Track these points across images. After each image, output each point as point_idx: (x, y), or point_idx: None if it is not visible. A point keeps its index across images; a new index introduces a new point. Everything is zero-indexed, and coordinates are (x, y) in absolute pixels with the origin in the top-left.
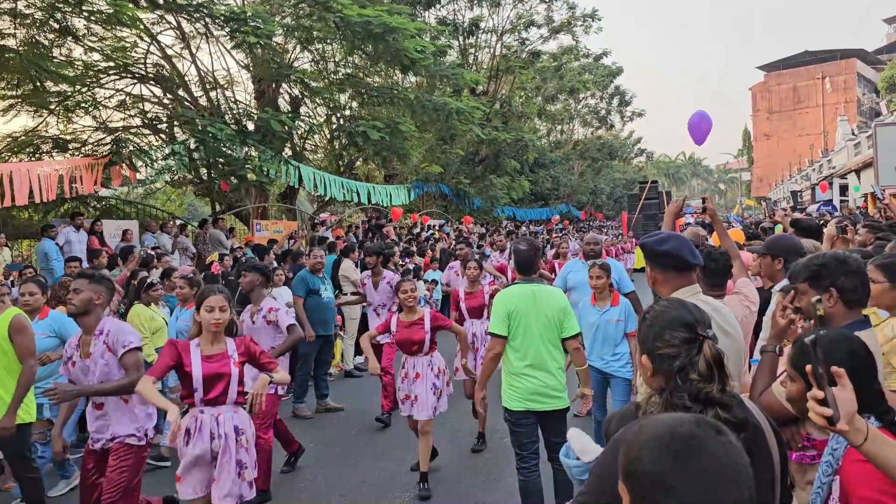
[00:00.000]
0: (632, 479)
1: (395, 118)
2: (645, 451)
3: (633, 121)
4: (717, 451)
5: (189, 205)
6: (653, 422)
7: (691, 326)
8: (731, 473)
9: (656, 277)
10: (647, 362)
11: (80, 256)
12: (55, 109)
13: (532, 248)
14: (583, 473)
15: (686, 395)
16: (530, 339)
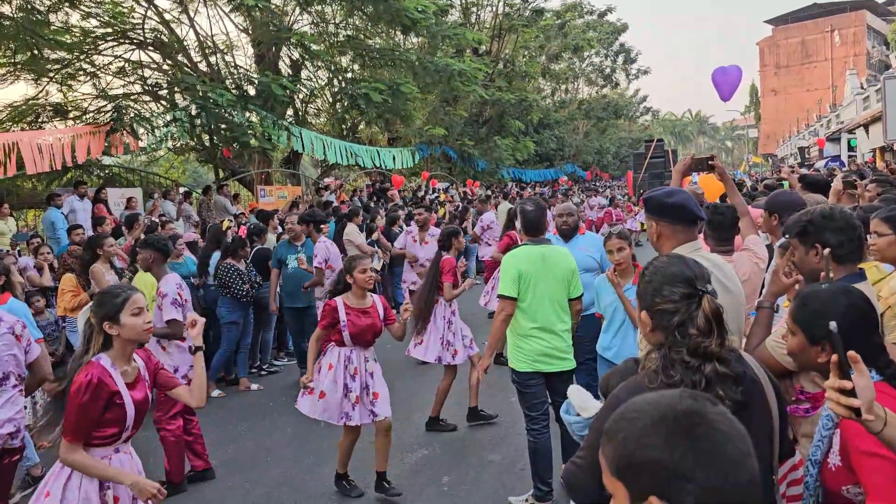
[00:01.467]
0: (635, 471)
1: (397, 80)
2: (650, 438)
3: (638, 79)
4: (725, 424)
5: (193, 171)
6: (644, 404)
7: (690, 281)
8: (743, 446)
9: (661, 232)
10: (646, 318)
11: (82, 224)
12: (54, 77)
13: (539, 209)
14: (583, 429)
15: (685, 349)
16: (539, 301)
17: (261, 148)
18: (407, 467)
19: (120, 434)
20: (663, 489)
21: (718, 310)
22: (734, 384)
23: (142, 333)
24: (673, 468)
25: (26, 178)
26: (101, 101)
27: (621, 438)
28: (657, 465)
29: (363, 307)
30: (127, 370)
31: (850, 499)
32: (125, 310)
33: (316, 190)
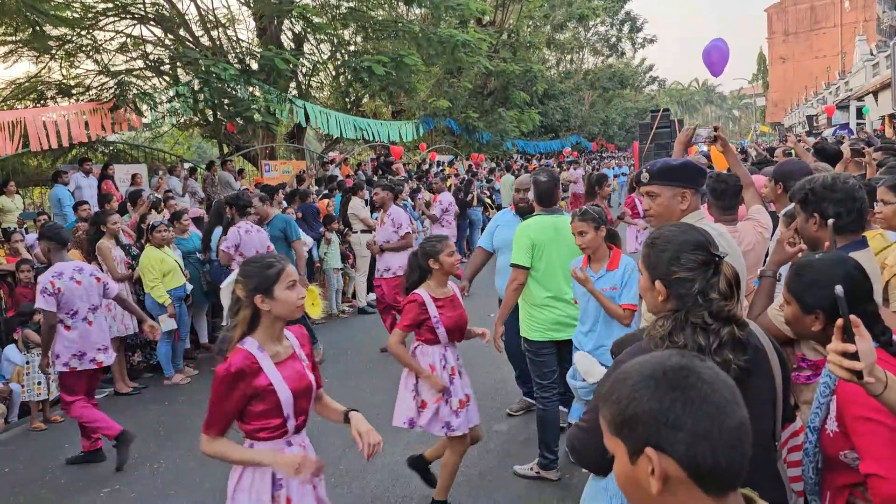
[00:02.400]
0: (629, 425)
1: (401, 52)
2: (639, 392)
3: (644, 48)
4: (710, 375)
5: (197, 147)
6: (636, 365)
7: (705, 247)
8: (729, 394)
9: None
10: (661, 288)
11: (87, 201)
12: (56, 54)
13: (552, 179)
14: (588, 394)
15: (706, 312)
16: (552, 270)
17: (264, 123)
18: (413, 437)
19: (285, 424)
20: (657, 439)
21: (737, 273)
22: (741, 351)
23: (295, 310)
24: (664, 418)
25: (32, 155)
26: (104, 77)
27: (615, 398)
28: (649, 416)
29: (448, 296)
30: (278, 350)
31: (847, 464)
32: (280, 282)
33: (321, 164)
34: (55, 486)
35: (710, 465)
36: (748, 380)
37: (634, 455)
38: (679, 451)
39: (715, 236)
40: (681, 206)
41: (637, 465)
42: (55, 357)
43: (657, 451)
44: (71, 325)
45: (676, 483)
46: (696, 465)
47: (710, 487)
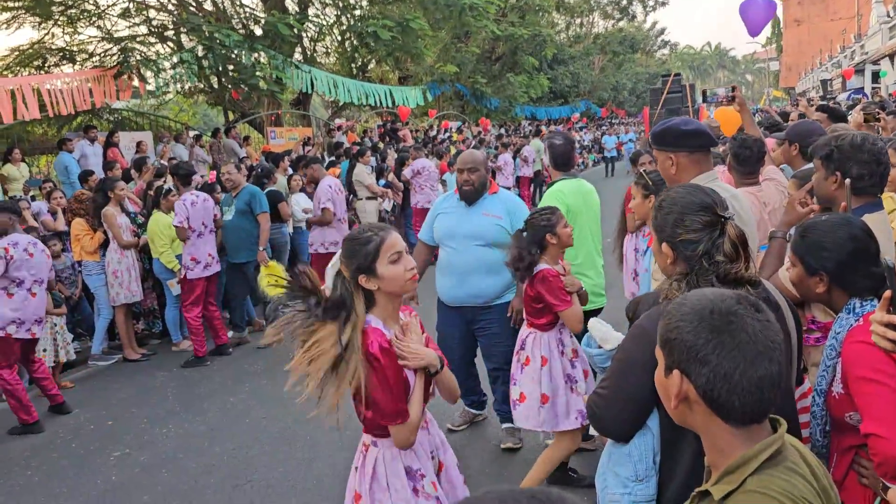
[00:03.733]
0: (669, 346)
1: (407, 16)
2: (684, 322)
3: (655, 11)
4: (755, 327)
5: (203, 114)
6: (696, 295)
7: (711, 209)
8: (765, 349)
9: (680, 162)
10: (667, 250)
11: (94, 170)
12: (58, 20)
13: (568, 142)
14: (605, 361)
15: (714, 277)
16: (582, 237)
17: (269, 90)
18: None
19: None
20: (685, 366)
21: (743, 234)
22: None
23: (407, 283)
24: (694, 352)
25: (37, 123)
26: (107, 44)
27: (667, 318)
28: (683, 346)
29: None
30: (399, 330)
31: (853, 425)
32: (381, 257)
33: (327, 131)
34: (67, 451)
35: (723, 401)
36: None
37: (668, 370)
38: (700, 381)
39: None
40: (671, 169)
41: (669, 379)
42: None
43: (682, 375)
44: (14, 293)
45: (695, 404)
46: (712, 399)
47: (725, 417)
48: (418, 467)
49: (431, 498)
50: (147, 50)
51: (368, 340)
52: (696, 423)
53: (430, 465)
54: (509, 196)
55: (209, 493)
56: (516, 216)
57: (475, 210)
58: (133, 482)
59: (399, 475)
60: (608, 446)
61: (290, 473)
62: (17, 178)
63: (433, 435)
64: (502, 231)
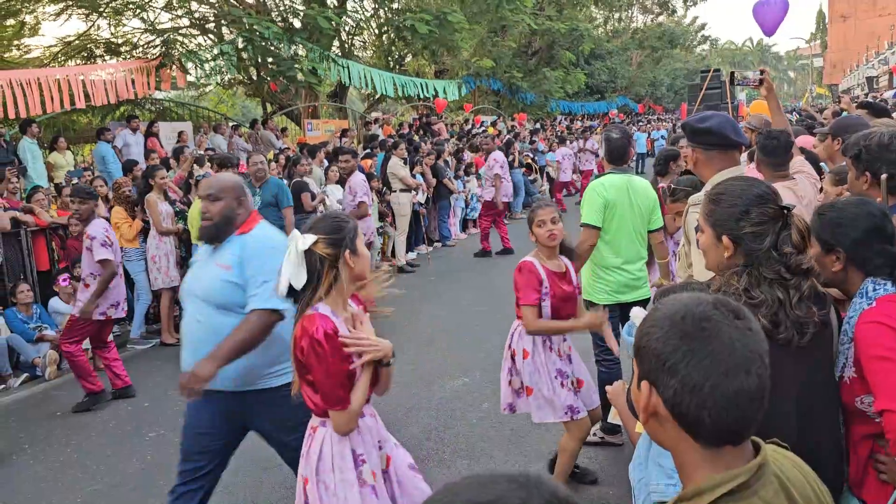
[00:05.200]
0: (639, 354)
1: (444, 10)
2: (654, 328)
3: (696, 5)
4: (731, 335)
5: (242, 106)
6: (670, 300)
7: (773, 200)
8: (742, 360)
9: (697, 158)
10: (728, 243)
11: (137, 160)
12: (104, 12)
13: (625, 136)
14: None
15: (782, 267)
16: (625, 232)
17: (307, 82)
18: (448, 392)
19: None
20: (654, 378)
21: (808, 225)
22: (821, 304)
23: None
24: (663, 360)
25: (81, 112)
26: (150, 35)
27: (643, 323)
28: (651, 354)
29: (560, 270)
30: (348, 317)
31: (863, 410)
32: (359, 236)
33: (363, 123)
34: (105, 429)
35: (692, 417)
36: (825, 332)
37: (639, 380)
38: (667, 394)
39: None
40: (690, 163)
41: (640, 389)
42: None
43: (651, 387)
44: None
45: (665, 421)
46: (680, 413)
47: (695, 435)
48: (361, 452)
49: (367, 485)
50: (189, 42)
51: (314, 326)
52: (666, 441)
53: (375, 455)
54: (259, 236)
55: (240, 474)
56: (251, 266)
57: (213, 257)
58: (167, 462)
59: (345, 457)
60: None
61: None
62: (63, 165)
63: (381, 427)
64: (229, 288)
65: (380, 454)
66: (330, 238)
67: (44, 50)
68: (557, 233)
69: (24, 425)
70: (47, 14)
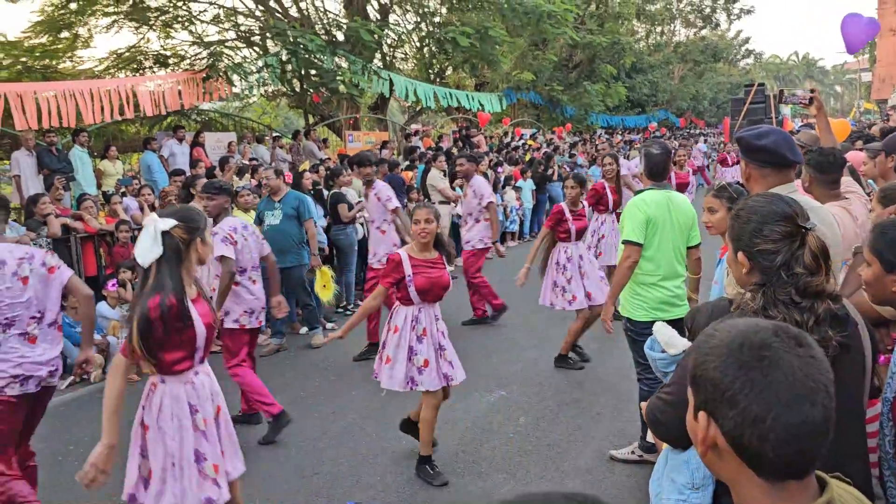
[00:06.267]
0: (695, 383)
1: (485, 23)
2: (711, 357)
3: (740, 19)
4: (793, 364)
5: (285, 117)
6: (727, 326)
7: (791, 219)
8: (805, 390)
9: (751, 173)
10: (743, 259)
11: (183, 169)
12: (154, 25)
13: (665, 152)
14: (668, 366)
15: (793, 289)
16: (665, 248)
17: (349, 94)
18: (485, 406)
19: (194, 355)
20: (712, 409)
21: (825, 246)
22: (841, 326)
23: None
24: (721, 391)
25: (130, 122)
26: (198, 48)
27: (696, 350)
28: (709, 384)
29: (430, 259)
30: (192, 295)
31: None
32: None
33: (403, 135)
34: None
35: (754, 450)
36: (845, 355)
37: (696, 410)
38: (727, 426)
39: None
40: (744, 177)
41: (697, 420)
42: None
43: (709, 418)
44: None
45: (724, 452)
46: (741, 447)
47: (757, 469)
48: (195, 403)
49: (199, 431)
50: (234, 54)
51: (160, 300)
52: (726, 474)
53: (209, 406)
54: None
55: (279, 482)
56: None
57: None
58: None
59: (183, 409)
60: (665, 452)
61: (356, 468)
62: (112, 173)
63: (213, 382)
64: None
65: (212, 405)
66: (187, 225)
67: (95, 61)
68: (429, 231)
69: (69, 427)
70: (99, 27)
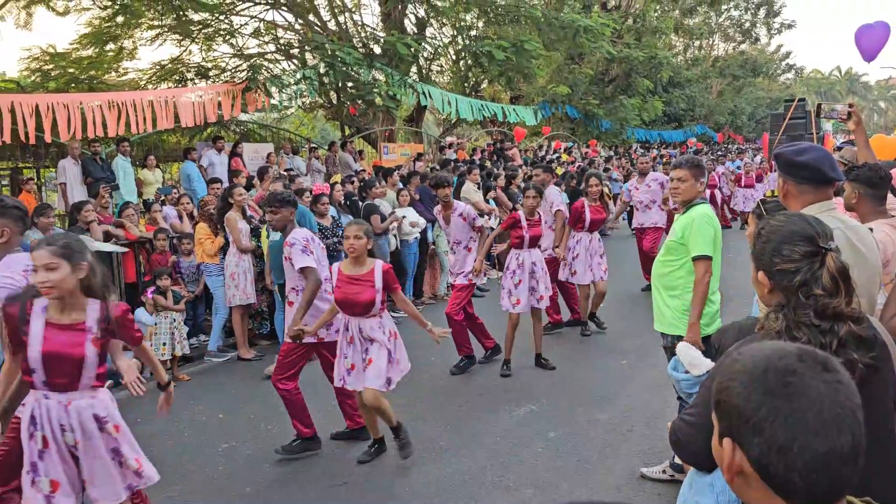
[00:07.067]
0: (720, 409)
1: (521, 37)
2: (735, 383)
3: (781, 34)
4: (819, 390)
5: (321, 129)
6: (750, 350)
7: (812, 239)
8: (832, 416)
9: (788, 190)
10: (763, 279)
11: (221, 178)
12: (196, 38)
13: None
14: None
15: (811, 311)
16: (717, 263)
17: (385, 106)
18: (514, 420)
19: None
20: (737, 435)
21: (844, 267)
22: (867, 348)
23: None
24: (745, 417)
25: (171, 132)
26: (238, 60)
27: (719, 374)
28: (734, 410)
29: (355, 275)
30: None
31: None
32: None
33: (438, 148)
34: (180, 440)
35: (781, 478)
36: (874, 375)
37: (721, 436)
38: (753, 453)
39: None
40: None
41: (723, 446)
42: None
43: (735, 444)
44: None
45: (752, 479)
46: (768, 474)
47: (786, 497)
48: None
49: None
50: (273, 67)
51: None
52: (754, 501)
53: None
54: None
55: (308, 489)
56: None
57: None
58: (238, 473)
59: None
60: (690, 474)
61: (385, 479)
62: (152, 182)
63: (74, 416)
64: None
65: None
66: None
67: (139, 73)
68: (357, 247)
69: None
70: (144, 39)
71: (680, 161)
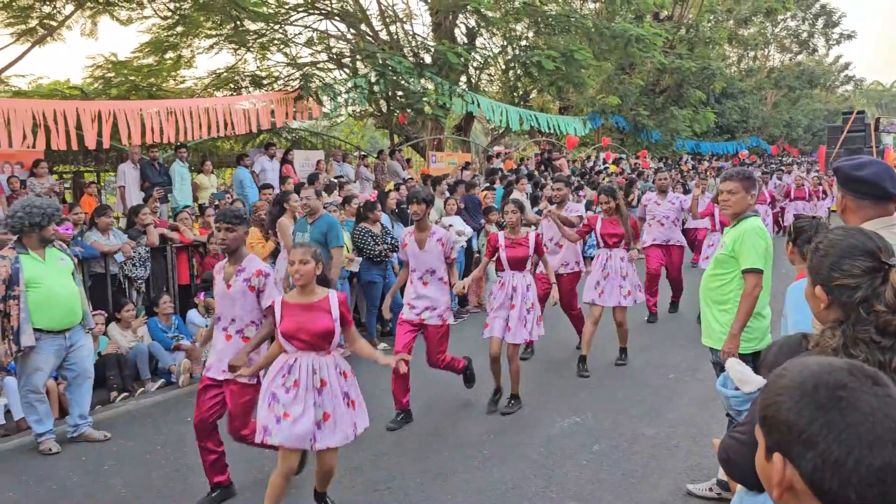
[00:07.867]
0: (767, 424)
1: (572, 47)
2: (783, 398)
3: (840, 44)
4: (871, 404)
5: (371, 137)
6: (798, 365)
7: (873, 254)
8: (885, 431)
9: (847, 205)
10: (821, 294)
11: (272, 184)
12: (252, 47)
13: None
14: (741, 404)
15: (872, 328)
16: (768, 277)
17: (434, 115)
18: (559, 432)
19: None
20: (787, 450)
21: None
22: None
23: None
24: (797, 433)
25: (225, 139)
26: (291, 69)
27: (767, 390)
28: (784, 426)
29: (305, 302)
30: None
31: None
32: None
33: (486, 157)
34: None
35: (835, 493)
36: None
37: (769, 451)
38: (806, 468)
39: None
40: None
41: (770, 462)
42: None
43: (785, 460)
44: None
45: (803, 495)
46: (821, 490)
47: None
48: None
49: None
50: (325, 75)
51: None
52: None
53: None
54: None
55: (351, 494)
56: None
57: None
58: None
59: None
60: (739, 493)
61: (426, 485)
62: (207, 187)
63: None
64: None
65: None
66: None
67: (196, 81)
68: (303, 273)
69: (158, 428)
70: (201, 48)
71: (730, 173)
